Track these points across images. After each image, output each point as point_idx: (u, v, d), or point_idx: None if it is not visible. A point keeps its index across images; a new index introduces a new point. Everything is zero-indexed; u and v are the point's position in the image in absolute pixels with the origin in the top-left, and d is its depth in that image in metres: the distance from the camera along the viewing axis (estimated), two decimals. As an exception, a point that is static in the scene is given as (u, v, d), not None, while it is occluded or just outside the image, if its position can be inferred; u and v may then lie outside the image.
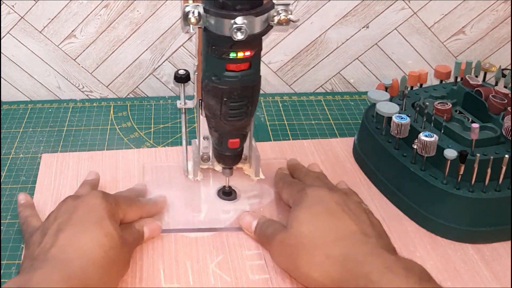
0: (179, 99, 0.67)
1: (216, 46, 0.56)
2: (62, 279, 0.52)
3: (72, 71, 0.95)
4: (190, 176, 0.73)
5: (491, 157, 0.65)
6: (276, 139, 0.86)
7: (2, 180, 0.76)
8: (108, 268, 0.56)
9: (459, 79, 0.80)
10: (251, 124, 0.68)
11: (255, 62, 0.58)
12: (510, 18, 0.98)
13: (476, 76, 0.79)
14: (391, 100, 0.77)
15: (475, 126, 0.67)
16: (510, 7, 0.97)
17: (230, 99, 0.59)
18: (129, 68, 0.95)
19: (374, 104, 0.76)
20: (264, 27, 0.56)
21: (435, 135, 0.67)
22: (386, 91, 0.78)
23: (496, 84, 0.79)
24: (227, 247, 0.66)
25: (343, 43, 0.97)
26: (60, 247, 0.55)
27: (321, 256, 0.56)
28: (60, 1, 0.88)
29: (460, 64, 0.79)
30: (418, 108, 0.73)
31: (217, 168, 0.73)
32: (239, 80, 0.57)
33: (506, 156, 0.65)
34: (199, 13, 0.55)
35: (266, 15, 0.56)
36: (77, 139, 0.84)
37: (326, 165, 0.79)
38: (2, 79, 0.94)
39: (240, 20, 0.53)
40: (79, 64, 0.94)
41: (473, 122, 0.72)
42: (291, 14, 0.56)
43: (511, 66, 1.01)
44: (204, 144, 0.72)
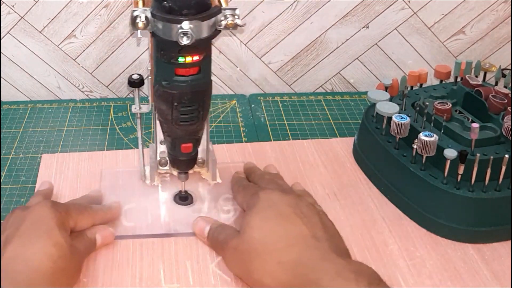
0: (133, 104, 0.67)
1: (164, 51, 0.56)
2: None
3: (72, 71, 0.95)
4: (147, 181, 0.72)
5: (491, 157, 0.65)
6: (276, 139, 0.86)
7: (2, 180, 0.76)
8: (57, 278, 0.55)
9: (459, 79, 0.80)
10: (207, 128, 0.68)
11: (205, 67, 0.58)
12: (510, 18, 0.98)
13: (476, 76, 0.79)
14: (391, 100, 0.77)
15: (475, 126, 0.67)
16: (510, 7, 0.97)
17: (181, 104, 0.59)
18: (129, 68, 0.95)
19: (374, 104, 0.76)
20: (212, 31, 0.56)
21: (435, 135, 0.67)
22: (386, 91, 0.78)
23: (496, 84, 0.79)
24: (227, 247, 0.66)
25: (343, 43, 0.97)
26: (7, 260, 0.54)
27: (272, 262, 0.55)
28: (60, 1, 0.88)
29: (460, 64, 0.79)
30: (418, 108, 0.73)
31: (175, 172, 0.72)
32: (189, 84, 0.57)
33: (506, 156, 0.65)
34: (147, 17, 0.55)
35: (214, 19, 0.56)
36: (77, 139, 0.84)
37: (326, 165, 0.79)
38: (2, 79, 0.94)
39: (186, 25, 0.53)
40: (79, 64, 0.94)
41: (473, 122, 0.72)
42: (238, 18, 0.57)
43: (511, 66, 1.01)
44: (161, 148, 0.71)
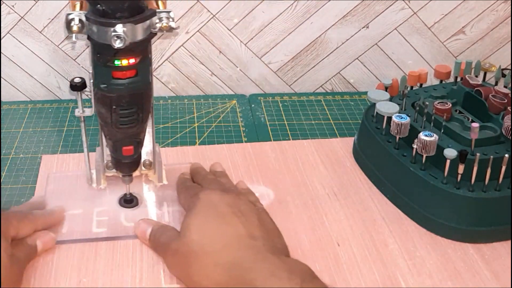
0: (77, 108, 0.65)
1: (100, 54, 0.56)
2: None
3: (72, 71, 0.95)
4: (94, 185, 0.71)
5: (491, 156, 0.65)
6: (276, 139, 0.86)
7: (2, 180, 0.76)
8: None
9: (459, 79, 0.80)
10: (152, 130, 0.68)
11: (142, 69, 0.58)
12: (510, 18, 0.98)
13: (476, 76, 0.79)
14: (391, 100, 0.77)
15: (475, 125, 0.67)
16: (510, 7, 0.97)
17: (119, 107, 0.59)
18: (129, 68, 0.95)
19: (374, 104, 0.76)
20: (147, 34, 0.56)
21: (435, 135, 0.67)
22: (386, 91, 0.78)
23: (496, 84, 0.79)
24: (227, 247, 0.65)
25: (343, 43, 0.97)
26: None
27: (210, 264, 0.55)
28: (60, 1, 0.88)
29: (460, 64, 0.79)
30: (418, 108, 0.73)
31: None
32: (126, 87, 0.57)
33: (506, 155, 0.65)
34: (81, 21, 0.55)
35: (148, 22, 0.56)
36: (77, 139, 0.84)
37: (326, 165, 0.79)
38: (2, 79, 0.94)
39: (119, 28, 0.53)
40: (79, 64, 0.94)
41: (473, 121, 0.72)
42: (173, 21, 0.57)
43: (511, 66, 1.01)
44: (108, 151, 0.70)
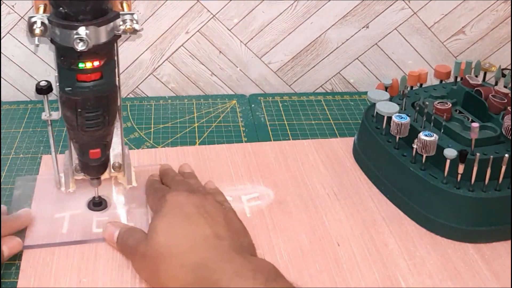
0: (44, 111, 0.65)
1: (64, 57, 0.56)
2: None
3: (72, 71, 0.95)
4: (62, 188, 0.71)
5: (491, 156, 0.65)
6: (276, 139, 0.86)
7: (2, 180, 0.76)
8: None
9: (459, 79, 0.80)
10: (121, 132, 0.67)
11: (107, 72, 0.58)
12: (510, 18, 0.98)
13: (476, 76, 0.79)
14: (391, 100, 0.77)
15: (475, 125, 0.67)
16: (510, 7, 0.97)
17: (85, 110, 0.58)
18: (129, 68, 0.95)
19: (374, 104, 0.76)
20: (110, 36, 0.56)
21: (435, 135, 0.67)
22: (386, 91, 0.78)
23: (496, 84, 0.79)
24: (227, 246, 0.65)
25: (343, 43, 0.97)
26: None
27: (177, 266, 0.55)
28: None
29: (460, 64, 0.79)
30: (418, 108, 0.73)
31: None
32: (91, 90, 0.57)
33: (506, 155, 0.65)
34: (44, 24, 0.55)
35: (112, 24, 0.56)
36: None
37: (326, 165, 0.79)
38: (2, 79, 0.94)
39: (82, 31, 0.53)
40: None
41: (473, 121, 0.72)
42: (137, 23, 0.57)
43: (511, 66, 1.01)
44: (76, 152, 0.68)
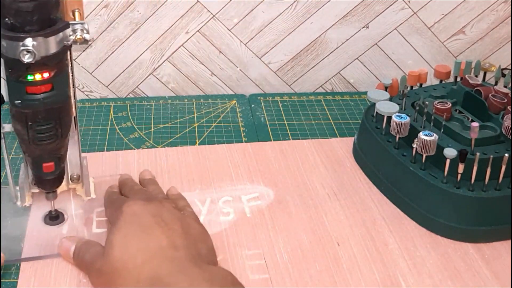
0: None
1: (12, 70, 0.54)
2: None
3: (72, 72, 0.95)
4: (18, 203, 0.69)
5: (491, 156, 0.65)
6: (276, 139, 0.86)
7: (2, 180, 0.76)
8: None
9: (459, 79, 0.80)
10: (78, 142, 0.66)
11: (59, 83, 0.56)
12: (510, 18, 0.98)
13: (476, 76, 0.79)
14: (391, 100, 0.77)
15: (475, 125, 0.67)
16: (510, 7, 0.97)
17: (36, 123, 0.57)
18: (129, 68, 0.95)
19: (374, 104, 0.76)
20: (60, 47, 0.54)
21: (435, 135, 0.67)
22: (386, 91, 0.78)
23: (496, 83, 0.79)
24: (227, 247, 0.65)
25: (343, 43, 0.97)
26: None
27: (132, 281, 0.53)
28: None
29: (460, 64, 0.79)
30: (418, 108, 0.73)
31: None
32: (42, 102, 0.55)
33: (506, 155, 0.65)
34: None
35: (61, 34, 0.54)
36: (77, 139, 0.84)
37: (326, 165, 0.79)
38: (2, 79, 0.94)
39: (29, 42, 0.51)
40: (79, 64, 0.94)
41: (473, 121, 0.72)
42: (87, 33, 0.56)
43: (511, 66, 1.01)
44: (29, 166, 0.65)
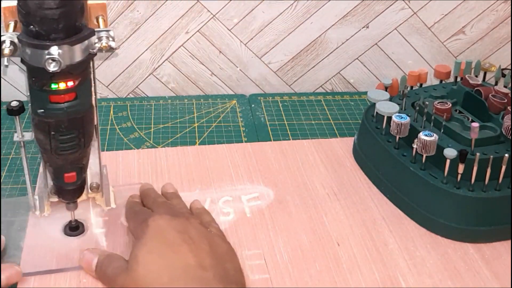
0: (16, 132, 0.62)
1: (36, 78, 0.53)
2: None
3: (72, 72, 0.95)
4: (37, 212, 0.67)
5: (491, 156, 0.65)
6: (276, 139, 0.86)
7: (2, 180, 0.76)
8: None
9: (459, 79, 0.80)
10: (99, 152, 0.65)
11: (82, 92, 0.55)
12: (510, 18, 0.98)
13: (476, 76, 0.79)
14: (391, 100, 0.77)
15: (475, 125, 0.67)
16: (510, 7, 0.97)
17: (59, 133, 0.55)
18: (129, 68, 0.95)
19: (374, 104, 0.76)
20: (85, 55, 0.53)
21: (435, 135, 0.67)
22: (386, 91, 0.78)
23: (496, 83, 0.79)
24: (227, 246, 0.66)
25: (343, 43, 0.97)
26: None
27: None
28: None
29: (460, 64, 0.79)
30: (418, 108, 0.73)
31: None
32: (65, 112, 0.54)
33: (506, 155, 0.65)
34: (14, 43, 0.52)
35: (86, 42, 0.53)
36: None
37: (326, 165, 0.79)
38: (2, 79, 0.94)
39: (54, 50, 0.50)
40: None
41: (473, 121, 0.72)
42: (113, 40, 0.54)
43: (511, 66, 1.01)
44: (50, 176, 0.64)
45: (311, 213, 0.71)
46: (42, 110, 0.54)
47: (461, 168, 0.65)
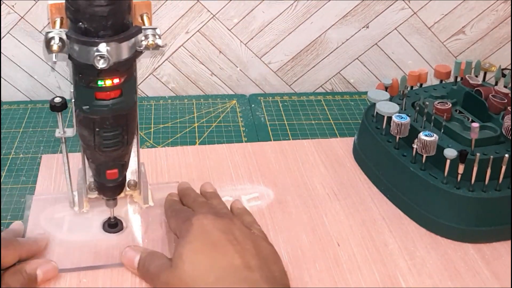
0: (58, 128, 0.63)
1: (82, 75, 0.53)
2: None
3: (72, 71, 0.95)
4: (76, 208, 0.68)
5: (491, 156, 0.65)
6: (276, 139, 0.86)
7: (2, 180, 0.76)
8: None
9: (459, 79, 0.80)
10: (137, 149, 0.65)
11: (127, 89, 0.55)
12: (510, 18, 0.98)
13: (476, 76, 0.79)
14: (391, 100, 0.77)
15: (475, 125, 0.67)
16: (510, 7, 0.97)
17: (103, 129, 0.56)
18: (129, 68, 0.95)
19: (374, 104, 0.76)
20: (132, 52, 0.53)
21: (435, 135, 0.67)
22: (386, 91, 0.78)
23: (496, 84, 0.79)
24: (227, 246, 0.65)
25: (343, 43, 0.97)
26: None
27: None
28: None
29: (460, 64, 0.79)
30: (418, 108, 0.73)
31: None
32: (110, 109, 0.55)
33: (506, 155, 0.65)
34: (62, 39, 0.52)
35: (133, 40, 0.53)
36: (76, 139, 0.83)
37: (326, 165, 0.79)
38: (2, 79, 0.94)
39: (103, 47, 0.50)
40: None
41: (473, 121, 0.72)
42: (159, 38, 0.54)
43: (511, 66, 1.01)
44: (91, 172, 0.65)
45: (311, 213, 0.71)
46: (88, 107, 0.55)
47: (461, 168, 0.65)
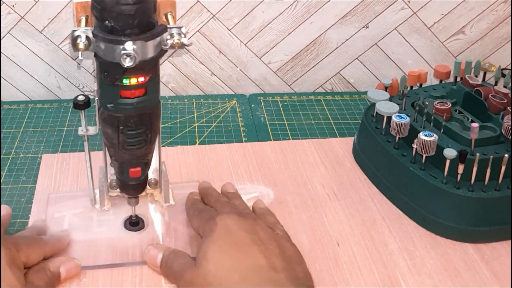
0: (80, 126, 0.64)
1: (108, 73, 0.54)
2: None
3: (73, 71, 0.95)
4: (97, 206, 0.68)
5: (491, 156, 0.65)
6: (276, 139, 0.86)
7: (2, 180, 0.76)
8: None
9: (458, 79, 0.80)
10: (159, 148, 0.65)
11: (152, 88, 0.55)
12: (510, 18, 0.98)
13: (476, 76, 0.79)
14: (391, 100, 0.77)
15: (475, 125, 0.67)
16: (510, 7, 0.97)
17: (127, 127, 0.56)
18: (129, 68, 0.95)
19: (374, 104, 0.76)
20: (157, 51, 0.54)
21: (434, 135, 0.67)
22: (386, 91, 0.78)
23: (496, 84, 0.79)
24: (227, 246, 0.65)
25: (343, 43, 0.97)
26: None
27: None
28: (60, 1, 0.88)
29: (460, 64, 0.79)
30: (417, 108, 0.73)
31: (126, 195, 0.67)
32: (135, 107, 0.55)
33: (506, 155, 0.65)
34: (88, 38, 0.53)
35: (159, 39, 0.53)
36: (77, 139, 0.84)
37: (326, 165, 0.79)
38: (2, 79, 0.94)
39: (129, 46, 0.51)
40: (79, 64, 0.94)
41: (472, 121, 0.72)
42: (185, 37, 0.54)
43: (511, 66, 1.01)
44: (113, 170, 0.66)
45: (311, 213, 0.71)
46: (112, 105, 0.55)
47: (461, 168, 0.65)
